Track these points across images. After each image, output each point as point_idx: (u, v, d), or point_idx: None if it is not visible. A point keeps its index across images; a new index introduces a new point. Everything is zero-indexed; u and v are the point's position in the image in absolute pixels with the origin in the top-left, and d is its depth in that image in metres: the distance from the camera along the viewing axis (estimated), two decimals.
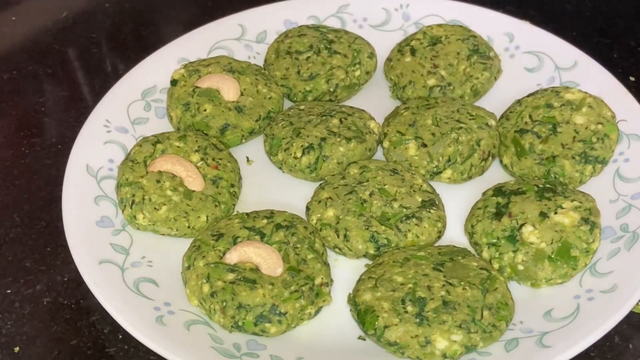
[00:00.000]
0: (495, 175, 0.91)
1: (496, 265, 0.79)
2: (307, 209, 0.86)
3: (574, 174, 0.86)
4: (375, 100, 1.00)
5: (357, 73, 0.99)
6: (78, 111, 1.05)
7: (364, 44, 1.02)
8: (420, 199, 0.84)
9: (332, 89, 0.98)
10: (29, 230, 0.91)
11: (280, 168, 0.91)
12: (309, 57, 1.00)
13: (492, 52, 1.00)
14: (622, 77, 1.00)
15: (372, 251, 0.81)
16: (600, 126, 0.88)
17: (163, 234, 0.84)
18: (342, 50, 1.00)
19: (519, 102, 0.94)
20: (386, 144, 0.91)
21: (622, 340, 0.78)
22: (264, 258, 0.77)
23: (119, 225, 0.85)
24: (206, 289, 0.76)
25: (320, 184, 0.87)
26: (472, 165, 0.88)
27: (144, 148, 0.89)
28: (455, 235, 0.85)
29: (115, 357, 0.79)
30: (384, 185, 0.85)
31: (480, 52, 0.99)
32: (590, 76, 0.97)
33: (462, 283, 0.75)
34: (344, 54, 1.00)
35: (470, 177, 0.89)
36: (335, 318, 0.78)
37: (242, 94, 0.95)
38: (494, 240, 0.80)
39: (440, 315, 0.72)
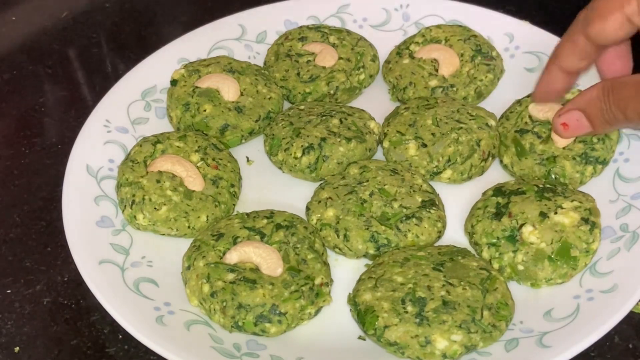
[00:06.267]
0: (495, 175, 0.91)
1: (496, 265, 0.79)
2: (307, 209, 0.86)
3: (575, 175, 0.86)
4: (375, 101, 1.00)
5: (362, 77, 0.99)
6: (78, 111, 1.05)
7: (367, 46, 1.02)
8: (420, 199, 0.84)
9: (332, 92, 0.97)
10: (29, 230, 0.91)
11: (280, 168, 0.91)
12: (309, 61, 1.00)
13: (495, 52, 1.00)
14: None
15: (372, 251, 0.81)
16: None
17: (163, 234, 0.84)
18: (344, 55, 1.00)
19: (519, 102, 0.94)
20: (386, 144, 0.91)
21: (622, 340, 0.78)
22: (264, 258, 0.77)
23: (119, 225, 0.85)
24: (206, 289, 0.76)
25: (320, 184, 0.87)
26: (472, 165, 0.88)
27: (144, 148, 0.89)
28: (455, 235, 0.85)
29: (115, 357, 0.79)
30: (384, 185, 0.85)
31: (483, 52, 0.99)
32: (590, 76, 0.97)
33: (462, 283, 0.75)
34: (347, 58, 1.00)
35: (470, 177, 0.89)
36: (335, 318, 0.78)
37: (242, 94, 0.95)
38: (494, 240, 0.80)
39: (440, 315, 0.72)
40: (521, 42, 1.03)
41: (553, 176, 0.86)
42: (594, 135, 0.86)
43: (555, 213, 0.80)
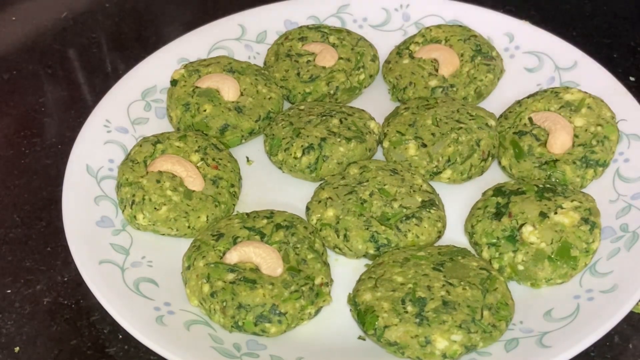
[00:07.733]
0: (495, 175, 0.91)
1: (496, 265, 0.79)
2: (307, 209, 0.86)
3: (576, 180, 0.86)
4: (375, 101, 1.00)
5: (362, 77, 0.99)
6: (78, 111, 1.05)
7: (367, 46, 1.02)
8: (420, 199, 0.84)
9: (332, 92, 0.97)
10: (29, 230, 0.91)
11: (280, 168, 0.91)
12: (309, 61, 1.00)
13: (495, 52, 1.00)
14: (622, 77, 1.00)
15: (372, 251, 0.81)
16: (599, 128, 0.88)
17: (163, 234, 0.84)
18: (344, 55, 1.00)
19: (519, 102, 0.94)
20: (386, 144, 0.91)
21: (622, 340, 0.78)
22: (264, 258, 0.77)
23: (119, 225, 0.85)
24: (206, 289, 0.76)
25: (320, 184, 0.87)
26: (471, 165, 0.88)
27: (144, 148, 0.89)
28: (455, 235, 0.85)
29: (115, 357, 0.79)
30: (384, 185, 0.85)
31: (483, 52, 0.99)
32: (590, 76, 0.97)
33: (462, 283, 0.75)
34: (347, 58, 1.00)
35: (470, 177, 0.89)
36: (335, 318, 0.78)
37: (242, 94, 0.95)
38: (494, 240, 0.80)
39: (440, 315, 0.72)
40: (521, 42, 1.03)
41: (554, 180, 0.86)
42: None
43: (555, 213, 0.80)
